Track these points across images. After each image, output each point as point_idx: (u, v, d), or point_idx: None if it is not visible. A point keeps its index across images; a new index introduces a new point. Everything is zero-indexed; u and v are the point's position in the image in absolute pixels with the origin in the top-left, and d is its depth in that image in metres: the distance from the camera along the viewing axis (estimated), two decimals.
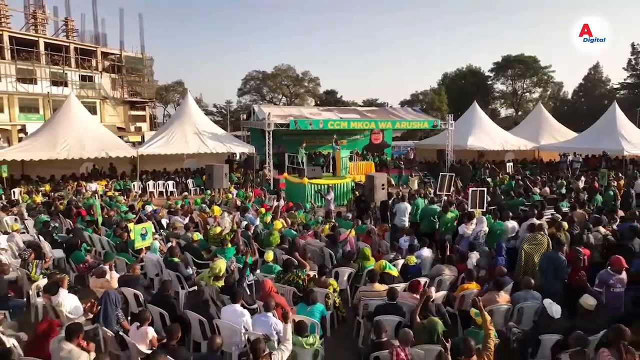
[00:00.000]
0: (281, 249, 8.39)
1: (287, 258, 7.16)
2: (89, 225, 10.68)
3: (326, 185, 15.91)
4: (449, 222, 9.43)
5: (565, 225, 7.82)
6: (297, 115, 23.68)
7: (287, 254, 7.79)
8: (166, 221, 11.34)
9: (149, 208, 12.43)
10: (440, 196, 12.34)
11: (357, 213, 12.37)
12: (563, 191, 13.91)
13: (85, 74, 36.71)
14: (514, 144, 24.79)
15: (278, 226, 9.61)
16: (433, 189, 14.69)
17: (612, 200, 12.31)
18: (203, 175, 18.40)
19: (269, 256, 7.58)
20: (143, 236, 7.96)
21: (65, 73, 34.75)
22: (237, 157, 23.63)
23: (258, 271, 7.60)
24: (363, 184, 13.82)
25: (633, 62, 49.17)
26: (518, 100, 56.78)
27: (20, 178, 18.52)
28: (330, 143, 20.31)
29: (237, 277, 6.63)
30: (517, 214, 9.87)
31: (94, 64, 37.81)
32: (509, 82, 56.92)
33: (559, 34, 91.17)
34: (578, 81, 57.35)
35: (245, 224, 9.83)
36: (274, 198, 14.11)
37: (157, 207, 13.04)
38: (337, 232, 9.04)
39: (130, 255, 8.31)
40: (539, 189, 13.49)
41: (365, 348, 5.10)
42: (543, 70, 54.28)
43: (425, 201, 11.18)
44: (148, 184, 19.13)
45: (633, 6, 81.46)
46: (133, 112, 41.55)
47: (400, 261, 7.72)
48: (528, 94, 57.08)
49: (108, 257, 7.35)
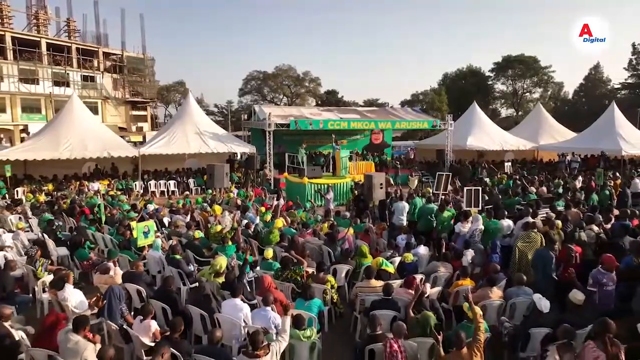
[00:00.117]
0: (280, 247, 8.56)
1: (285, 256, 7.32)
2: (92, 223, 10.84)
3: (326, 184, 16.08)
4: (446, 221, 9.58)
5: (559, 223, 7.96)
6: (298, 115, 23.82)
7: (286, 252, 7.95)
8: (168, 220, 11.52)
9: (151, 207, 12.61)
10: (438, 195, 12.49)
11: (356, 212, 12.51)
12: (560, 191, 14.07)
13: (87, 74, 36.85)
14: (513, 144, 24.93)
15: (279, 224, 9.75)
16: (432, 189, 14.83)
17: (608, 199, 12.47)
18: (204, 174, 18.55)
19: (269, 253, 7.75)
20: (145, 234, 8.10)
21: (67, 73, 34.90)
22: (238, 157, 23.80)
23: (258, 268, 7.77)
24: (362, 184, 13.98)
25: (634, 62, 48.96)
26: (518, 100, 56.79)
27: (23, 178, 18.72)
28: (330, 143, 20.48)
29: (238, 274, 6.79)
30: (514, 213, 10.03)
31: (96, 64, 37.94)
32: (509, 82, 56.96)
33: (560, 34, 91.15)
34: (579, 81, 57.45)
35: (245, 223, 10.01)
36: (274, 197, 14.28)
37: (159, 206, 13.23)
38: (336, 231, 9.17)
39: (132, 252, 8.47)
40: (536, 189, 13.63)
41: (361, 341, 5.26)
42: (543, 70, 54.28)
43: (423, 200, 11.33)
44: (150, 184, 19.30)
45: (633, 6, 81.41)
46: (134, 112, 41.69)
47: (397, 259, 7.87)
48: (528, 94, 57.10)
49: (111, 255, 7.52)
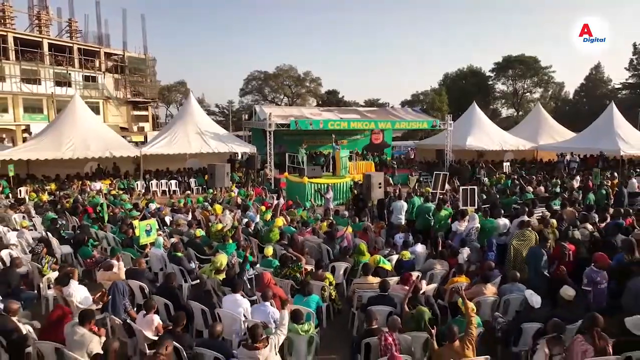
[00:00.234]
0: (280, 245, 8.71)
1: (283, 254, 7.46)
2: (95, 222, 11.01)
3: (326, 184, 16.22)
4: (443, 220, 9.73)
5: (553, 222, 8.10)
6: (298, 115, 23.94)
7: (285, 250, 8.10)
8: (169, 219, 11.68)
9: (153, 206, 12.77)
10: (436, 194, 12.64)
11: (355, 211, 12.66)
12: (557, 190, 14.20)
13: (88, 75, 36.99)
14: (513, 144, 25.03)
15: (279, 223, 9.91)
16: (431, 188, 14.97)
17: (605, 198, 12.59)
18: (205, 174, 18.73)
19: (269, 251, 7.89)
20: (148, 232, 8.27)
21: (68, 73, 35.08)
22: (239, 157, 23.95)
23: (258, 265, 7.93)
24: (361, 183, 14.12)
25: (635, 62, 48.81)
26: (519, 100, 56.87)
27: (25, 177, 18.91)
28: (330, 143, 20.63)
29: (238, 271, 6.93)
30: (510, 212, 10.17)
31: (97, 65, 38.06)
32: (510, 83, 57.06)
33: (560, 34, 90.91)
34: (579, 81, 57.46)
35: (245, 221, 10.16)
36: (275, 196, 14.43)
37: (161, 205, 13.38)
38: (335, 229, 9.33)
39: (135, 250, 8.62)
40: (534, 188, 13.76)
41: (357, 336, 5.42)
42: (543, 70, 54.34)
43: (421, 199, 11.48)
44: (151, 183, 19.47)
45: (634, 6, 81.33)
46: (136, 112, 41.82)
47: (394, 256, 8.03)
48: (529, 94, 57.16)
49: (114, 252, 7.68)
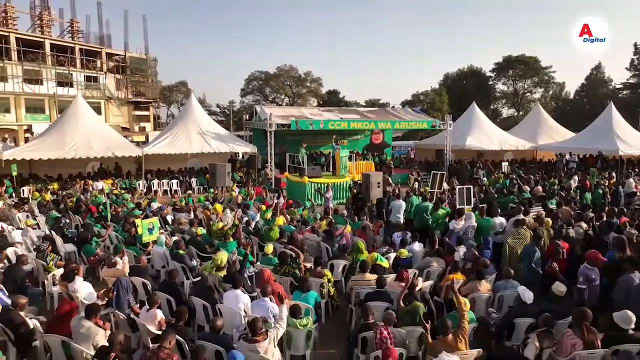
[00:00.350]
0: (280, 243, 8.86)
1: (282, 251, 7.61)
2: (98, 221, 11.18)
3: (325, 184, 16.37)
4: (440, 219, 9.87)
5: (548, 221, 8.24)
6: (298, 115, 24.05)
7: (285, 248, 8.25)
8: (171, 218, 11.83)
9: (155, 205, 12.92)
10: (434, 194, 12.78)
11: (355, 210, 12.81)
12: (555, 190, 14.33)
13: (90, 75, 37.20)
14: (512, 144, 25.14)
15: (280, 222, 10.08)
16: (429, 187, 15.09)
17: (602, 198, 12.74)
18: (206, 174, 18.88)
19: (269, 249, 8.06)
20: (150, 230, 8.42)
21: (70, 74, 35.30)
22: (240, 157, 24.09)
23: (258, 263, 8.08)
24: (360, 183, 14.27)
25: (636, 62, 48.73)
26: (519, 100, 56.96)
27: (28, 177, 19.08)
28: (330, 143, 20.77)
29: (238, 268, 7.09)
30: (508, 211, 10.30)
31: (99, 65, 38.26)
32: (510, 83, 57.17)
33: (560, 34, 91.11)
34: (580, 81, 57.51)
35: (246, 220, 10.32)
36: (275, 196, 14.59)
37: (162, 205, 13.54)
38: (334, 228, 9.49)
39: (138, 248, 8.79)
40: (532, 188, 13.89)
41: (354, 330, 5.57)
42: (544, 70, 54.47)
43: (419, 199, 11.62)
44: (153, 183, 19.63)
45: (635, 6, 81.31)
46: (137, 112, 42.02)
47: (392, 254, 8.17)
48: (529, 94, 57.26)
49: (118, 250, 7.83)
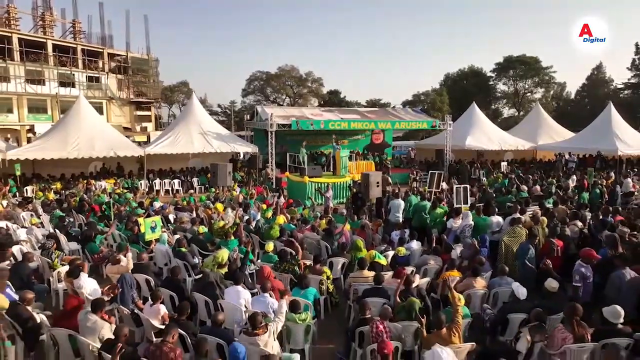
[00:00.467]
0: (280, 242, 9.01)
1: (281, 249, 7.76)
2: (101, 220, 11.34)
3: (326, 183, 16.52)
4: (438, 217, 10.00)
5: (544, 219, 8.38)
6: (299, 115, 24.15)
7: (285, 246, 8.41)
8: (173, 217, 11.99)
9: (157, 204, 13.09)
10: (432, 193, 12.93)
11: (354, 209, 12.95)
12: (553, 189, 14.44)
13: (92, 75, 37.39)
14: (512, 144, 25.22)
15: (280, 220, 10.24)
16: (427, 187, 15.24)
17: (599, 197, 12.87)
18: (208, 173, 19.03)
19: (270, 247, 8.22)
20: (153, 229, 8.57)
21: (72, 74, 35.51)
22: (241, 157, 24.24)
23: (259, 261, 8.24)
24: (360, 182, 14.39)
25: (637, 62, 48.47)
26: (520, 100, 57.02)
27: (31, 176, 19.25)
28: (331, 143, 20.91)
29: (239, 265, 7.24)
30: (505, 210, 10.43)
31: (101, 65, 38.47)
32: (511, 83, 57.22)
33: (561, 34, 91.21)
34: (581, 81, 57.47)
35: (246, 219, 10.48)
36: (275, 195, 14.75)
37: (165, 204, 13.70)
38: (333, 226, 9.64)
39: (141, 246, 8.93)
40: (530, 187, 14.01)
41: (352, 325, 5.72)
42: (544, 70, 54.50)
43: (418, 198, 11.76)
44: (155, 183, 19.79)
45: (635, 6, 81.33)
46: (139, 113, 42.21)
47: (390, 252, 8.32)
48: (530, 95, 57.29)
49: (122, 248, 7.98)
